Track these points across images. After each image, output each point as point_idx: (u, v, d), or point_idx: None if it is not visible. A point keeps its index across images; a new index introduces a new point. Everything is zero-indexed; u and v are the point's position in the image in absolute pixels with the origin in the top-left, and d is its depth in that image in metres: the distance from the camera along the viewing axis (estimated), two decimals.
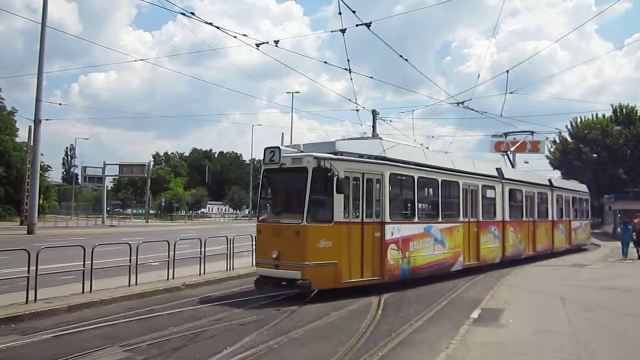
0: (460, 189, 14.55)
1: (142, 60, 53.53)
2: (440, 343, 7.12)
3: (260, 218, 11.55)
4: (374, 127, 28.30)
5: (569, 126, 46.86)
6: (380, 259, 11.25)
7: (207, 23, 10.78)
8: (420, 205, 13.07)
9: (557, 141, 47.74)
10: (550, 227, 20.79)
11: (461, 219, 14.49)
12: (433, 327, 8.43)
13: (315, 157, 10.36)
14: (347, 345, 7.07)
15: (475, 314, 8.79)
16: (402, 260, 11.92)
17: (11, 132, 51.74)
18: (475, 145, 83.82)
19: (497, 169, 17.48)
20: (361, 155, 11.31)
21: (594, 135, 43.72)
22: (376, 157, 11.58)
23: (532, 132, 23.70)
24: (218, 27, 11.33)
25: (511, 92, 18.09)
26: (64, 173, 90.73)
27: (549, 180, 21.59)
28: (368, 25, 11.34)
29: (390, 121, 36.83)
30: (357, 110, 21.81)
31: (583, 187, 26.80)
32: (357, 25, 11.27)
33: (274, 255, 10.42)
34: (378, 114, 28.57)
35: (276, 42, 11.97)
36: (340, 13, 11.10)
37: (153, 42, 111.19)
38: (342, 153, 10.92)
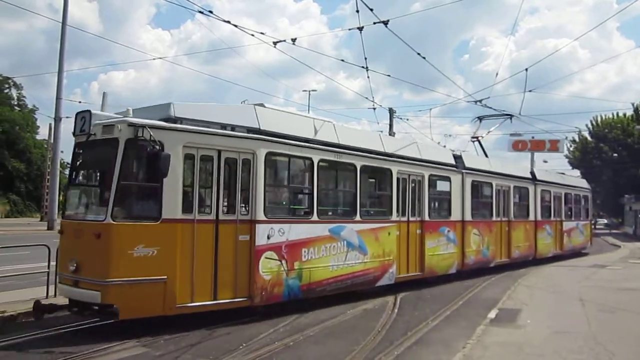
0: (394, 178, 12.16)
1: (160, 58, 53.95)
2: (456, 343, 7.42)
3: (66, 213, 8.85)
4: (390, 125, 29.56)
5: (589, 125, 46.00)
6: (249, 273, 8.76)
7: (225, 21, 10.88)
8: (323, 198, 10.68)
9: (577, 140, 46.44)
10: (532, 228, 18.82)
11: (394, 217, 12.08)
12: (449, 326, 8.84)
13: (130, 124, 7.70)
14: (363, 343, 7.41)
15: (492, 314, 9.25)
16: (287, 275, 9.37)
17: (32, 130, 53.42)
18: (493, 144, 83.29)
19: (455, 155, 15.33)
20: (223, 126, 8.85)
21: (614, 134, 44.91)
22: (248, 130, 9.15)
23: (511, 116, 19.91)
24: (236, 26, 11.09)
25: (530, 91, 18.51)
26: None
27: (532, 173, 19.64)
28: (385, 23, 11.28)
29: (407, 119, 37.57)
30: (374, 109, 23.62)
31: (581, 182, 25.23)
32: (374, 23, 11.25)
33: (72, 267, 7.77)
34: (395, 112, 29.96)
35: (293, 40, 11.97)
36: (357, 11, 10.99)
37: (172, 40, 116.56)
38: (182, 120, 8.33)
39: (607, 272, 16.65)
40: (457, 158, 15.12)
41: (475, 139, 19.19)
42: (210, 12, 10.39)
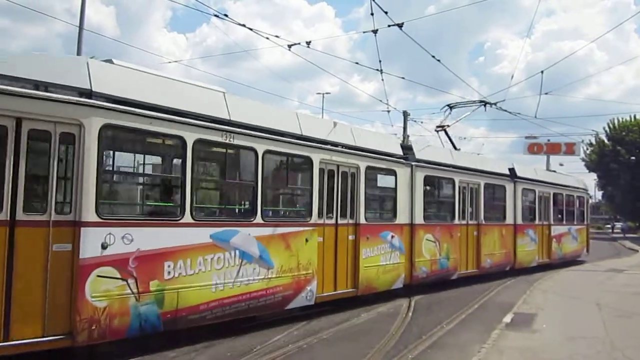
0: (315, 170, 9.93)
1: (176, 62, 54.27)
2: (471, 347, 7.71)
3: None
4: (404, 128, 30.05)
5: (606, 128, 46.16)
6: (70, 298, 6.48)
7: (240, 25, 11.24)
8: (202, 193, 8.83)
9: (594, 143, 46.27)
10: (510, 233, 16.91)
11: (314, 220, 9.90)
12: (464, 330, 9.20)
13: None
14: (377, 346, 7.80)
15: (507, 318, 9.61)
16: (137, 300, 7.04)
17: None
18: (508, 147, 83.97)
19: (404, 145, 13.40)
20: (36, 85, 6.45)
21: (631, 137, 44.85)
22: (79, 93, 6.73)
23: (485, 103, 17.70)
24: (251, 29, 11.57)
25: (546, 93, 19.05)
26: None
27: (512, 170, 17.54)
28: (400, 25, 11.68)
29: (422, 122, 37.88)
30: (388, 111, 22.04)
31: (576, 182, 22.99)
32: (389, 25, 11.66)
33: None
34: (409, 114, 30.42)
35: (308, 43, 12.44)
36: (372, 14, 11.22)
37: (187, 44, 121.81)
38: None
39: (624, 277, 17.39)
40: (407, 148, 13.23)
41: (440, 129, 16.95)
42: (226, 15, 10.86)
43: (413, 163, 12.89)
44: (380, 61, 15.37)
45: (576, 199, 22.27)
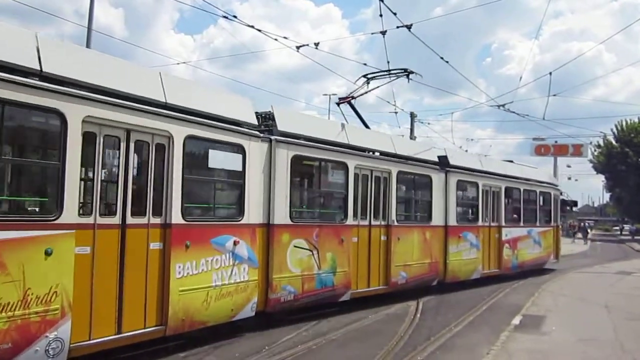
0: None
1: (184, 63, 53.83)
2: (480, 349, 7.98)
3: None
4: (411, 129, 29.90)
5: (614, 129, 46.26)
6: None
7: (248, 26, 11.51)
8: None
9: (602, 145, 46.28)
10: (437, 237, 13.45)
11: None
12: (473, 332, 9.50)
13: None
14: (386, 348, 8.06)
15: (516, 320, 9.87)
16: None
17: None
18: (515, 148, 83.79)
19: (261, 114, 9.69)
20: None
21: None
22: None
23: (408, 73, 13.32)
24: (260, 30, 11.72)
25: (554, 95, 18.25)
26: None
27: (442, 157, 14.15)
28: (409, 27, 11.84)
29: (429, 124, 37.91)
30: (396, 113, 22.92)
31: (544, 175, 20.27)
32: (397, 27, 11.81)
33: None
34: (416, 116, 30.29)
35: (316, 44, 12.51)
36: (381, 15, 11.32)
37: (194, 45, 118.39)
38: None
39: (633, 279, 17.43)
40: (264, 116, 9.73)
41: (344, 100, 13.10)
42: (235, 16, 11.01)
43: (273, 138, 9.16)
44: (388, 62, 14.80)
45: (540, 195, 19.04)
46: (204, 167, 8.28)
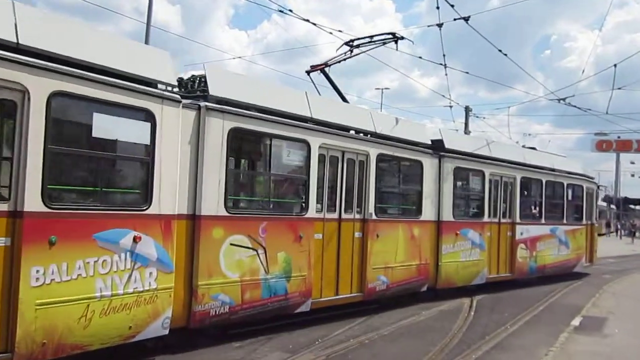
0: None
1: (239, 57, 57.58)
2: (538, 349, 7.95)
3: None
4: (466, 123, 29.78)
5: None
6: None
7: (304, 20, 12.15)
8: None
9: None
10: (428, 235, 11.28)
11: None
12: (530, 332, 9.40)
13: None
14: (439, 345, 8.07)
15: (576, 322, 9.71)
16: None
17: None
18: (575, 143, 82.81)
19: (193, 77, 8.22)
20: None
21: None
22: None
23: (396, 38, 11.19)
24: (315, 24, 12.28)
25: (618, 88, 17.73)
26: None
27: (437, 141, 11.93)
28: (466, 19, 11.92)
29: (484, 118, 37.38)
30: (451, 107, 23.17)
31: (573, 165, 17.39)
32: (455, 19, 11.97)
33: None
34: (471, 110, 30.24)
35: (371, 37, 12.20)
36: (438, 7, 11.53)
37: (248, 40, 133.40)
38: None
39: None
40: (196, 80, 8.10)
41: (316, 68, 11.10)
42: (290, 10, 11.49)
43: (202, 102, 7.21)
44: (444, 55, 14.49)
45: (568, 188, 16.47)
46: (83, 136, 6.22)
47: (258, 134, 8.18)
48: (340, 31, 12.04)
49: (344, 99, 11.11)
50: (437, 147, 11.89)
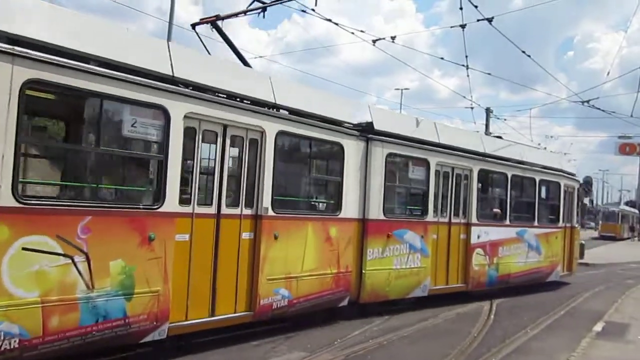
0: None
1: (261, 57, 56.88)
2: (559, 354, 7.98)
3: None
4: (487, 125, 29.78)
5: None
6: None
7: (326, 19, 11.80)
8: None
9: None
10: (349, 237, 8.95)
11: None
12: (551, 336, 9.37)
13: None
14: (459, 348, 8.07)
15: (598, 327, 9.61)
16: None
17: None
18: (597, 146, 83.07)
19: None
20: None
21: None
22: None
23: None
24: (337, 24, 12.10)
25: None
26: None
27: (365, 125, 9.71)
28: (490, 20, 11.95)
29: (505, 119, 37.12)
30: (472, 108, 21.55)
31: (550, 158, 15.20)
32: (478, 20, 12.01)
33: None
34: (492, 111, 30.24)
35: (393, 37, 12.83)
36: (461, 8, 11.45)
37: (268, 40, 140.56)
38: None
39: None
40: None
41: (206, 20, 9.07)
42: (313, 10, 10.59)
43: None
44: (467, 56, 14.38)
45: (541, 185, 14.22)
46: None
47: (69, 90, 5.63)
48: (362, 31, 12.45)
49: (243, 61, 8.69)
50: (365, 129, 9.66)
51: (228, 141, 7.24)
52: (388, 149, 9.91)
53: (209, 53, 8.58)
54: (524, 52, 13.54)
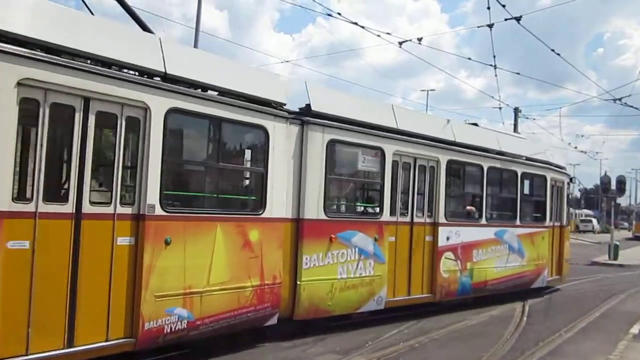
0: None
1: (286, 61, 67.75)
2: (595, 357, 7.96)
3: None
4: (515, 124, 29.11)
5: None
6: None
7: (352, 23, 11.89)
8: None
9: None
10: (276, 239, 7.33)
11: None
12: (586, 339, 9.17)
13: None
14: (491, 350, 7.99)
15: (635, 329, 9.55)
16: None
17: None
18: (629, 145, 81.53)
19: None
20: None
21: None
22: None
23: None
24: (363, 27, 12.28)
25: None
26: None
27: (305, 107, 8.17)
28: (518, 19, 11.66)
29: (534, 119, 41.07)
30: (500, 108, 23.55)
31: (534, 148, 13.43)
32: (506, 19, 11.73)
33: None
34: (520, 111, 29.61)
35: (419, 39, 12.98)
36: (489, 8, 11.45)
37: (293, 44, 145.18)
38: None
39: None
40: None
41: None
42: (339, 13, 11.66)
43: None
44: (494, 56, 15.45)
45: (523, 179, 12.53)
46: None
47: None
48: (388, 33, 12.58)
49: (142, 26, 6.67)
50: (300, 111, 8.03)
51: (92, 118, 5.50)
52: (330, 135, 8.26)
53: (91, 12, 6.40)
54: (552, 50, 13.76)
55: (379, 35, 12.40)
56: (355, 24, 11.85)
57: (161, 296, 6.04)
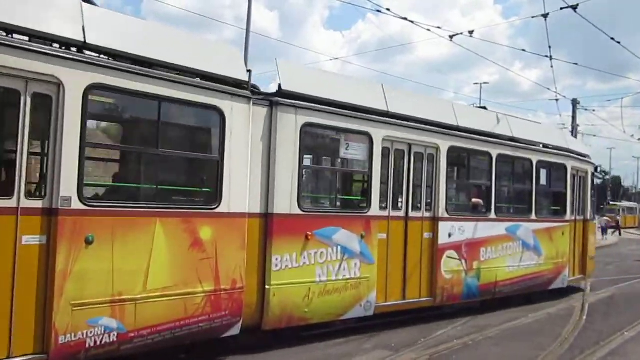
0: None
1: (336, 59, 66.00)
2: None
3: None
4: (573, 117, 28.83)
5: None
6: None
7: (402, 18, 11.99)
8: None
9: None
10: (238, 237, 6.33)
11: None
12: None
13: None
14: (549, 349, 7.78)
15: None
16: None
17: None
18: None
19: None
20: None
21: None
22: None
23: None
24: (412, 22, 11.97)
25: None
26: None
27: (276, 93, 7.20)
28: (574, 7, 11.48)
29: (594, 110, 39.36)
30: (557, 100, 21.31)
31: (552, 135, 12.11)
32: (561, 8, 11.66)
33: None
34: (579, 102, 29.05)
35: (471, 32, 12.53)
36: None
37: (343, 41, 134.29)
38: None
39: None
40: None
41: None
42: (388, 9, 10.88)
43: None
44: (550, 47, 14.26)
45: (540, 168, 11.37)
46: None
47: None
48: (439, 27, 14.68)
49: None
50: (272, 94, 6.99)
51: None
52: (305, 118, 7.20)
53: None
54: (612, 38, 13.69)
55: (429, 30, 13.79)
56: (405, 19, 12.06)
57: (80, 305, 5.07)
